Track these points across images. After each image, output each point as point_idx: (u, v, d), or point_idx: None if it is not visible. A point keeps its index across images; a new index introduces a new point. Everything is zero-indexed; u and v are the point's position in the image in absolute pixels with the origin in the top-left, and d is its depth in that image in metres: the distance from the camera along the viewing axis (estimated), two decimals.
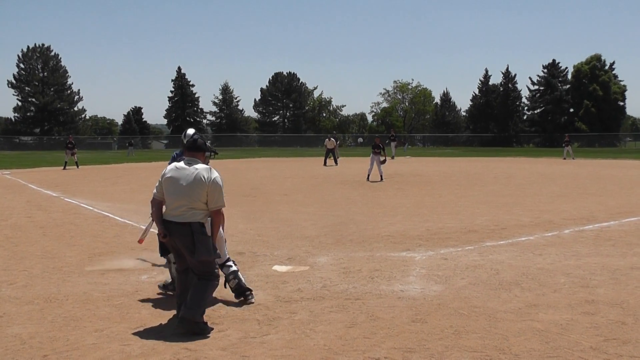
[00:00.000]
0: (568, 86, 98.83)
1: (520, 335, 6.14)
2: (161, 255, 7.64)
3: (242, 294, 7.58)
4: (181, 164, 6.81)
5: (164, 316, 7.01)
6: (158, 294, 8.03)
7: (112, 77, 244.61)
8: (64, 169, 37.48)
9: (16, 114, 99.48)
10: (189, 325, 6.33)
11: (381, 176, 26.50)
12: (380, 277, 8.72)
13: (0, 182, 27.58)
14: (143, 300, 7.67)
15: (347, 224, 13.86)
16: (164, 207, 6.86)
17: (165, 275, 8.98)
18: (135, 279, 8.83)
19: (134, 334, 6.39)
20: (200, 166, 6.74)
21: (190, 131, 7.83)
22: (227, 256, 7.79)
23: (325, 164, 40.04)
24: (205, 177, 6.60)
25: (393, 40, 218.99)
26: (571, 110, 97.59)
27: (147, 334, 6.37)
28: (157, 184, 6.93)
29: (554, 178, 27.80)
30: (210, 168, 6.77)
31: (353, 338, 6.15)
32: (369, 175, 26.90)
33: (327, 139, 43.17)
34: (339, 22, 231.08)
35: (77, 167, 38.59)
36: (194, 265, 6.60)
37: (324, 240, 11.85)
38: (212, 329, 6.44)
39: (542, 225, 13.35)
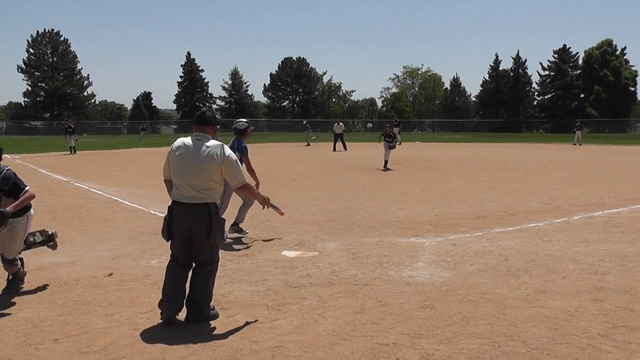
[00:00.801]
0: (579, 71, 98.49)
1: (528, 322, 6.14)
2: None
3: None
4: (189, 140, 6.20)
5: None
6: None
7: (121, 62, 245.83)
8: (72, 153, 37.73)
9: (26, 99, 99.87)
10: (197, 321, 6.18)
11: (386, 163, 25.85)
12: (389, 263, 8.73)
13: (11, 166, 27.65)
14: (152, 285, 7.70)
15: (356, 209, 13.86)
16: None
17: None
18: (144, 263, 8.87)
19: (144, 318, 6.43)
20: (212, 143, 6.15)
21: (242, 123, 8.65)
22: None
23: (334, 149, 40.23)
24: (218, 155, 6.06)
25: (403, 25, 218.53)
26: (581, 95, 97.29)
27: (157, 318, 6.39)
28: (164, 163, 6.41)
29: (564, 164, 27.72)
30: (222, 144, 6.20)
31: (361, 323, 6.17)
32: (386, 162, 25.95)
33: (335, 124, 43.24)
34: (348, 7, 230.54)
35: (74, 152, 38.07)
36: (204, 251, 6.18)
37: (332, 225, 11.86)
38: (218, 315, 6.41)
39: (551, 212, 13.32)
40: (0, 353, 5.47)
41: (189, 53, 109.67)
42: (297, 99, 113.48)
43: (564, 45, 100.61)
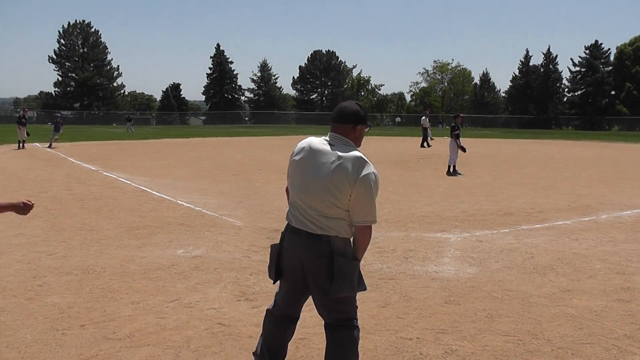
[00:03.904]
0: (610, 68, 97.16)
1: (553, 321, 6.11)
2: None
3: None
4: (321, 141, 4.23)
5: (199, 290, 7.09)
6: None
7: (151, 53, 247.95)
8: (20, 148, 31.69)
9: (56, 89, 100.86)
10: None
11: (451, 167, 21.26)
12: (415, 258, 8.72)
13: (40, 155, 28.03)
14: (179, 275, 7.76)
15: (383, 203, 13.83)
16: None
17: (201, 250, 9.07)
18: (171, 253, 8.93)
19: (169, 307, 6.49)
20: (349, 153, 4.10)
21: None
22: None
23: (425, 144, 36.70)
24: (351, 171, 4.01)
25: (433, 19, 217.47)
26: (612, 92, 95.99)
27: (182, 307, 6.46)
28: (288, 167, 4.43)
29: (593, 162, 27.44)
30: (363, 157, 4.13)
31: (386, 318, 6.17)
32: (450, 167, 21.34)
33: (424, 118, 38.40)
34: (379, 1, 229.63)
35: (23, 147, 31.73)
36: (325, 307, 4.30)
37: None
38: None
39: (579, 210, 13.20)
40: (29, 337, 5.56)
41: (218, 45, 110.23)
42: (326, 92, 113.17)
43: (596, 41, 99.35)
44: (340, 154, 4.08)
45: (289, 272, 4.29)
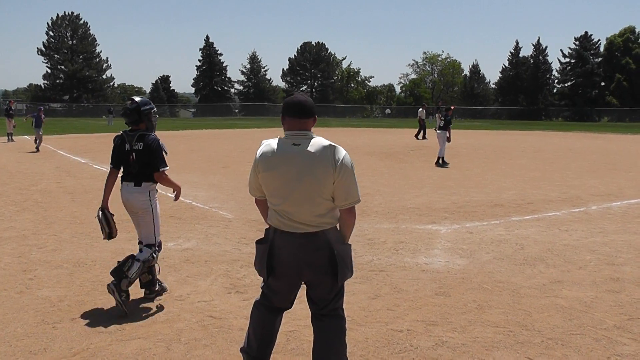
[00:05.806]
0: (600, 59, 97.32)
1: (543, 312, 6.14)
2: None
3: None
4: (284, 145, 4.12)
5: (189, 283, 7.09)
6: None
7: (140, 45, 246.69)
8: (10, 140, 31.92)
9: (45, 81, 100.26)
10: None
11: (440, 159, 21.39)
12: (405, 250, 8.74)
13: (30, 148, 27.87)
14: (169, 267, 7.75)
15: (373, 195, 13.85)
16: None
17: (191, 243, 9.06)
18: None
19: (160, 300, 6.48)
20: (317, 146, 4.04)
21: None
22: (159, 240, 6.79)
23: (422, 136, 36.79)
24: (329, 162, 3.99)
25: (423, 11, 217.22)
26: (602, 83, 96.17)
27: (173, 300, 6.46)
28: (250, 176, 4.47)
29: (583, 153, 27.53)
30: (331, 144, 4.07)
31: (376, 310, 6.19)
32: (439, 159, 21.50)
33: (421, 110, 38.94)
34: None
35: (12, 139, 31.90)
36: (324, 298, 4.31)
37: None
38: None
39: (569, 201, 13.25)
40: (20, 330, 5.55)
41: (207, 37, 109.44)
42: (316, 84, 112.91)
43: (586, 32, 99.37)
44: (310, 150, 4.02)
45: (282, 270, 4.22)
